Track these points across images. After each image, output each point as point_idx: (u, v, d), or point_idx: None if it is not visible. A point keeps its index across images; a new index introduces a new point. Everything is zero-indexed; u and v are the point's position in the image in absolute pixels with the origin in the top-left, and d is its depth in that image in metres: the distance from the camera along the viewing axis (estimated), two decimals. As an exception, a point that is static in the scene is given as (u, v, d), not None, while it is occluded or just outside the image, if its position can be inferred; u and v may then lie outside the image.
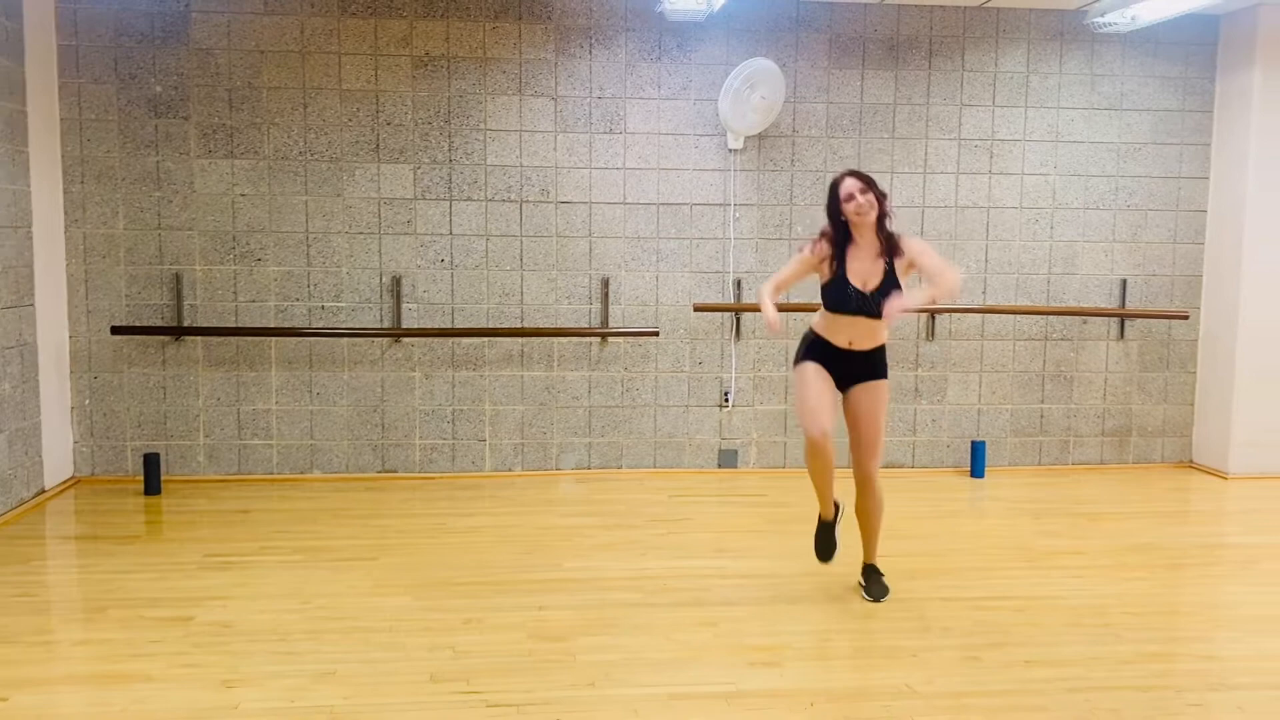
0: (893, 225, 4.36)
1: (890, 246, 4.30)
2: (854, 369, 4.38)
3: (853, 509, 4.57)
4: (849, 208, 4.25)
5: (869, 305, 4.25)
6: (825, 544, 4.60)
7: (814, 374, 4.37)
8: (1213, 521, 6.09)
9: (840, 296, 4.29)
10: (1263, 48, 6.55)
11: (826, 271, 4.35)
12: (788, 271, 4.50)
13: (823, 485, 4.49)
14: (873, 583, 4.51)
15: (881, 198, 4.30)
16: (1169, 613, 4.52)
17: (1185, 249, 7.01)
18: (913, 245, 4.36)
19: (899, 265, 4.29)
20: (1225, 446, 6.87)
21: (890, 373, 6.71)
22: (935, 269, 4.27)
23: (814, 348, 4.41)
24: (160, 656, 3.79)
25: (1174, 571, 5.02)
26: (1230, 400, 6.83)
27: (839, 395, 4.43)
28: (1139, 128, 6.88)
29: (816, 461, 4.40)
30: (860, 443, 4.44)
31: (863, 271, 4.28)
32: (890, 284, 4.25)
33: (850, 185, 4.26)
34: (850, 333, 4.33)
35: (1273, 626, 4.30)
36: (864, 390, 4.39)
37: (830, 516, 4.57)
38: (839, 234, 4.32)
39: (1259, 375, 6.79)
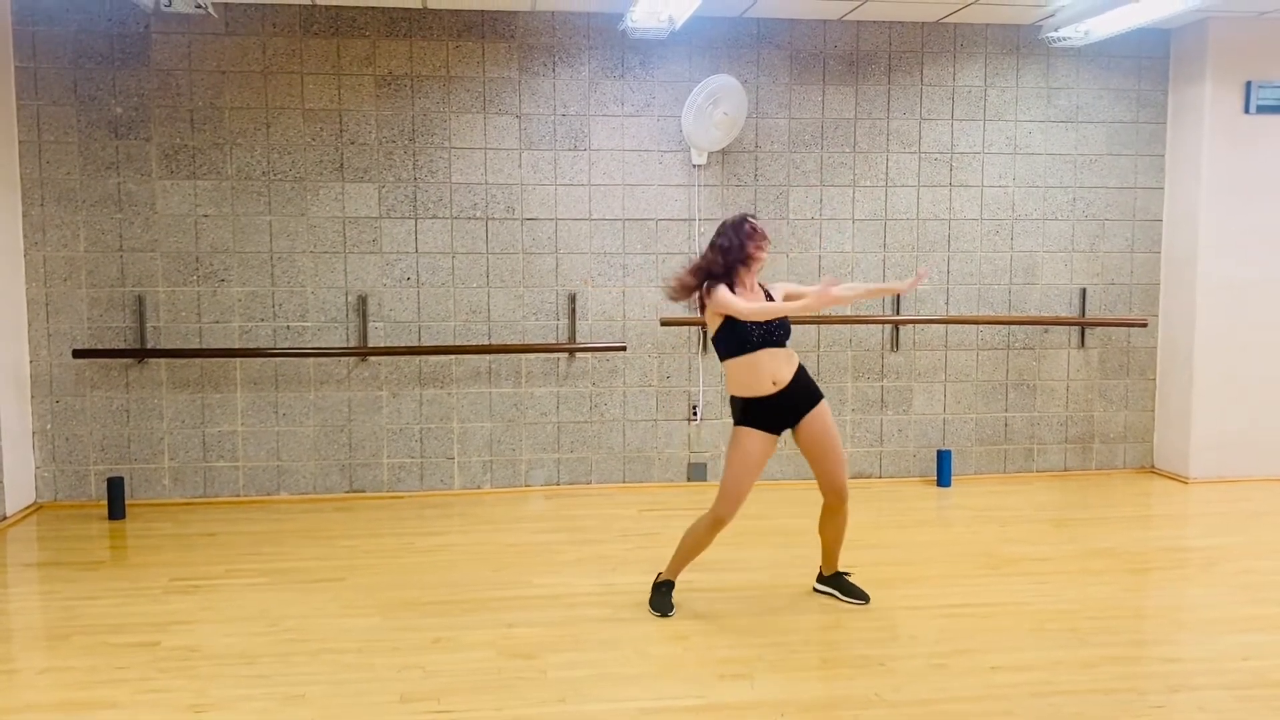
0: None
1: (760, 282, 4.42)
2: (794, 404, 4.33)
3: (818, 527, 4.62)
4: (761, 256, 4.31)
5: (773, 334, 4.27)
6: (669, 603, 4.49)
7: (760, 452, 4.31)
8: (1174, 525, 6.18)
9: (743, 330, 4.24)
10: (1213, 60, 6.69)
11: (718, 317, 4.30)
12: (743, 299, 4.36)
13: (693, 557, 4.49)
14: (850, 587, 4.61)
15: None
16: (1132, 616, 4.59)
17: (1143, 258, 7.13)
18: (777, 285, 4.51)
19: (775, 294, 4.39)
20: (1185, 452, 6.98)
21: (855, 384, 6.91)
22: (801, 289, 4.45)
23: (749, 412, 4.32)
24: (126, 683, 3.75)
25: (1137, 576, 5.09)
26: (1189, 406, 6.94)
27: (774, 450, 4.42)
28: (1095, 139, 7.00)
29: (709, 537, 4.41)
30: (829, 463, 4.40)
31: (752, 298, 4.34)
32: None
33: (757, 224, 4.32)
34: (771, 368, 4.26)
35: (1233, 628, 4.37)
36: (815, 418, 4.35)
37: (676, 577, 4.56)
38: (724, 271, 4.29)
39: (1217, 381, 6.91)
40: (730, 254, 4.32)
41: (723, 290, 4.24)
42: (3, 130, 5.94)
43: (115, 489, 6.03)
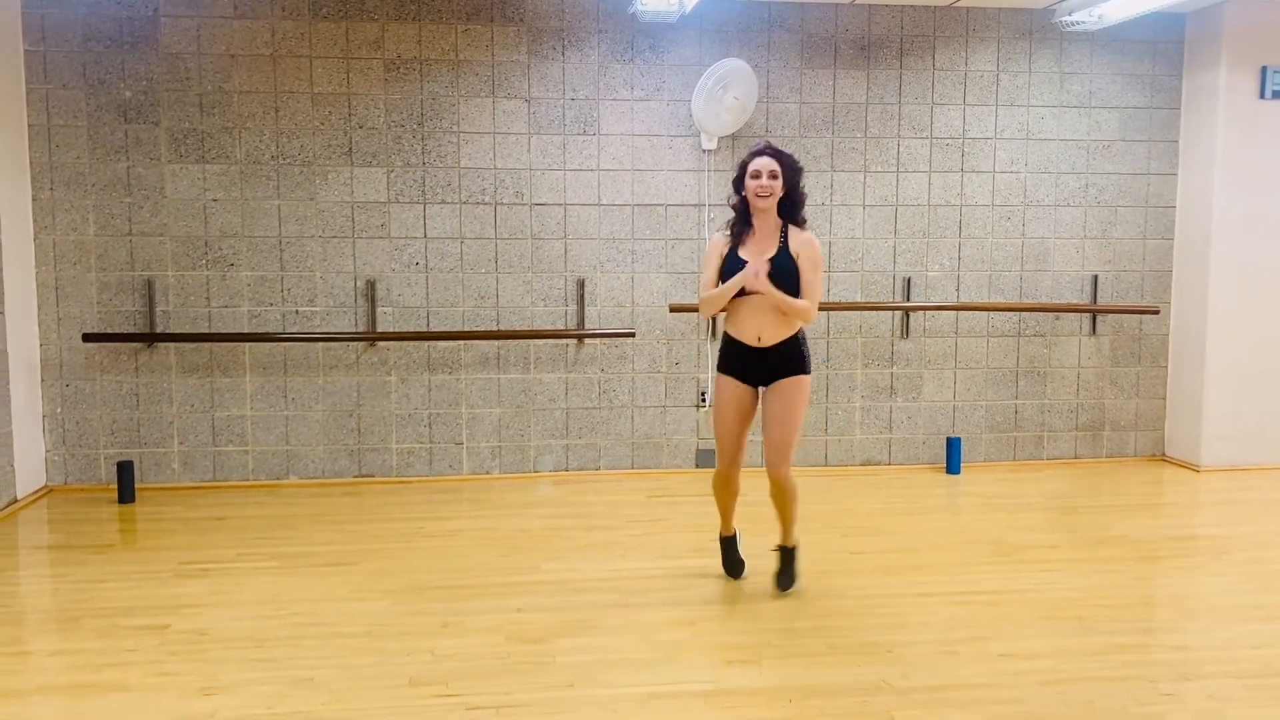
0: (803, 216, 4.23)
1: (786, 229, 4.17)
2: (770, 367, 4.23)
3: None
4: (751, 185, 4.11)
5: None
6: (732, 561, 4.58)
7: (728, 396, 4.25)
8: (1185, 514, 6.16)
9: (730, 272, 4.12)
10: (1228, 45, 6.63)
11: (721, 256, 4.21)
12: (711, 269, 4.27)
13: (726, 509, 4.46)
14: (783, 569, 4.49)
15: (792, 185, 4.15)
16: (1142, 604, 4.57)
17: (1155, 244, 7.08)
18: (806, 243, 4.18)
19: (792, 242, 4.15)
20: (1197, 440, 6.95)
21: (865, 371, 6.88)
22: (805, 284, 4.16)
23: (727, 354, 4.28)
24: (136, 665, 3.77)
25: (1146, 564, 5.07)
26: (1201, 394, 6.91)
27: (757, 402, 4.32)
28: (1108, 125, 6.95)
29: (723, 490, 4.39)
30: (771, 444, 4.26)
31: (754, 250, 4.16)
32: (783, 260, 4.11)
33: (761, 164, 4.11)
34: (756, 323, 4.15)
35: (1243, 616, 4.35)
36: (779, 390, 4.23)
37: (731, 533, 4.58)
38: (741, 209, 4.20)
39: (1229, 368, 6.87)
40: (735, 185, 4.22)
41: (711, 242, 4.23)
42: (12, 114, 5.94)
43: (125, 473, 6.04)
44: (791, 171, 4.15)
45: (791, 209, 4.20)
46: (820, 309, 6.61)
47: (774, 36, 6.62)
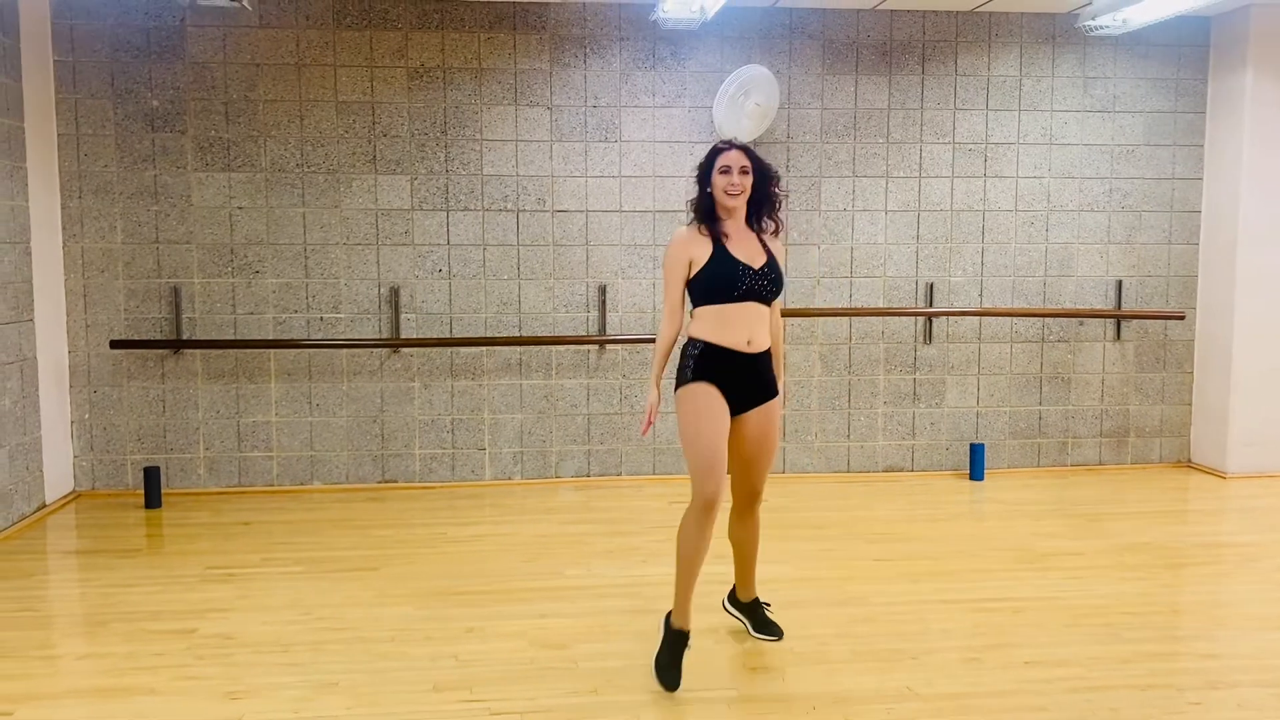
0: (779, 220, 3.78)
1: (760, 233, 3.74)
2: (754, 383, 3.69)
3: (726, 535, 3.95)
4: (720, 182, 3.62)
5: (762, 285, 3.62)
6: (676, 665, 3.65)
7: (714, 405, 3.61)
8: (1211, 521, 6.10)
9: (728, 275, 3.58)
10: (1254, 48, 6.58)
11: (700, 257, 3.63)
12: (674, 287, 3.72)
13: (695, 565, 3.67)
14: (765, 620, 4.00)
15: (765, 184, 3.69)
16: (1168, 612, 4.54)
17: (1180, 250, 7.03)
18: (779, 246, 3.82)
19: (772, 247, 3.74)
20: (1223, 446, 6.89)
21: (888, 377, 6.86)
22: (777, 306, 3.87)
23: (703, 364, 3.64)
24: (163, 669, 3.80)
25: (1173, 571, 5.03)
26: (1227, 400, 6.85)
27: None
28: (1132, 130, 6.91)
29: (703, 531, 3.62)
30: (753, 465, 3.76)
31: (744, 249, 3.65)
32: (775, 262, 3.69)
33: (731, 158, 3.62)
34: (746, 327, 3.62)
35: (1272, 624, 4.31)
36: (764, 414, 3.72)
37: (687, 625, 3.71)
38: (705, 207, 3.69)
39: (1256, 374, 6.81)
40: (700, 178, 3.73)
41: (678, 243, 3.67)
42: (42, 123, 6.02)
43: (152, 478, 6.10)
44: (763, 170, 3.70)
45: (758, 215, 3.75)
46: (842, 314, 6.74)
47: (795, 42, 6.62)
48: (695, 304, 3.69)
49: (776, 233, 3.80)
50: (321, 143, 6.35)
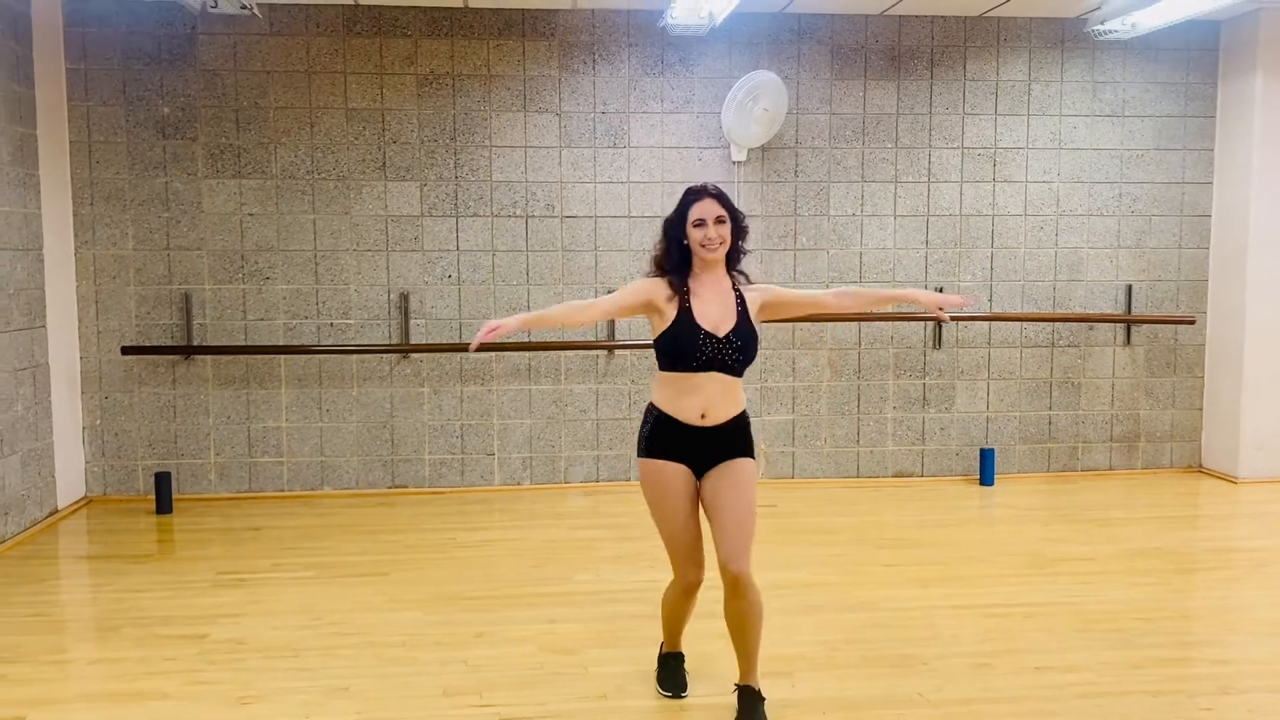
0: (745, 264, 3.52)
1: (739, 290, 3.44)
2: (715, 448, 3.37)
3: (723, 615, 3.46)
4: (696, 235, 3.34)
5: (728, 355, 3.31)
6: (676, 677, 3.66)
7: (670, 481, 3.35)
8: (1222, 526, 6.08)
9: (687, 343, 3.29)
10: (1264, 52, 6.57)
11: (666, 313, 3.35)
12: (618, 299, 3.48)
13: (678, 625, 3.64)
14: (753, 712, 3.41)
15: (738, 234, 3.43)
16: (1179, 617, 4.52)
17: (1190, 254, 7.02)
18: (757, 287, 3.51)
19: (751, 305, 3.42)
20: (1234, 451, 6.86)
21: (897, 382, 6.85)
22: (793, 296, 3.62)
23: (659, 434, 3.37)
24: (175, 674, 3.81)
25: (1184, 576, 5.01)
26: (1239, 404, 6.82)
27: (695, 481, 3.41)
28: (1141, 134, 6.90)
29: (687, 605, 3.54)
30: (726, 536, 3.31)
31: (712, 313, 3.34)
32: (748, 332, 3.36)
33: (706, 208, 3.35)
34: (703, 398, 3.31)
35: (1284, 630, 4.30)
36: (725, 471, 3.35)
37: (679, 647, 3.72)
38: (675, 259, 3.40)
39: (1267, 379, 6.79)
40: (669, 231, 3.43)
41: (645, 283, 3.42)
42: (54, 131, 6.05)
43: (163, 483, 6.12)
44: (737, 217, 3.44)
45: (737, 260, 3.48)
46: (852, 319, 6.72)
47: (804, 48, 6.63)
48: (659, 365, 3.41)
49: (745, 286, 3.47)
50: (331, 149, 6.37)
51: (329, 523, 5.92)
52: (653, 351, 3.42)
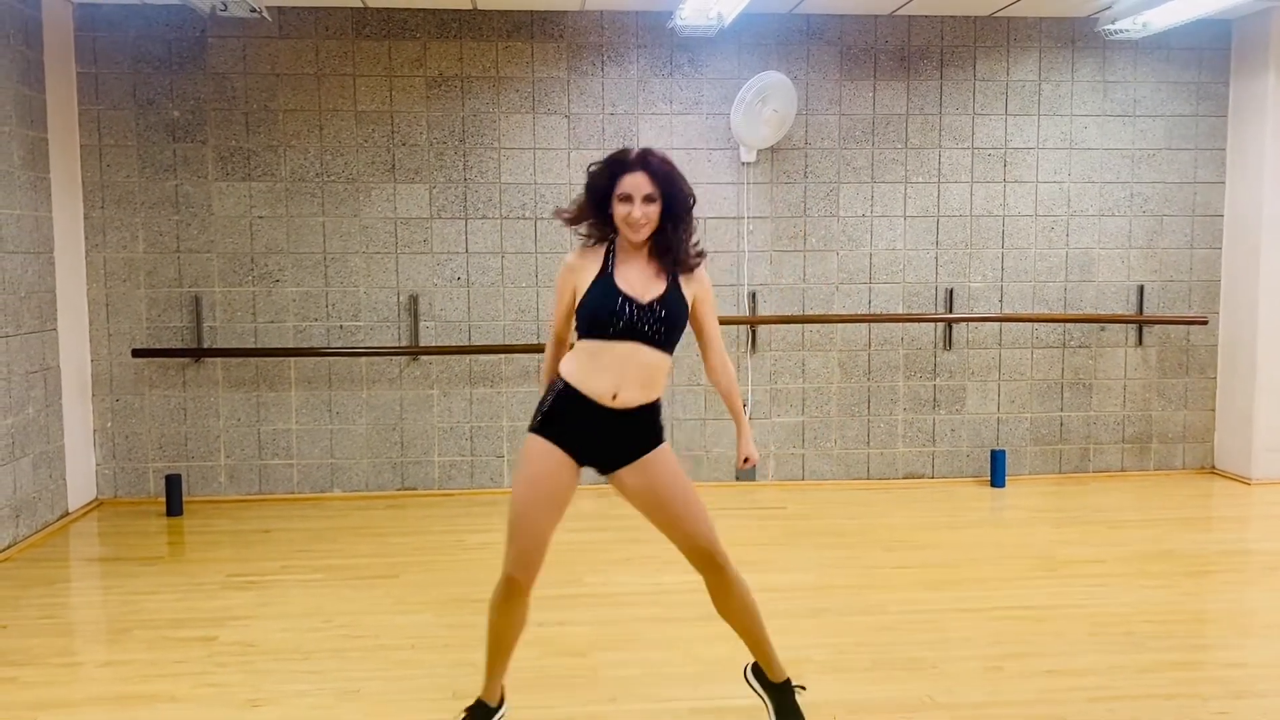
0: (689, 259, 3.12)
1: (677, 259, 3.07)
2: (618, 443, 3.12)
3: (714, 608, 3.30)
4: (619, 211, 2.99)
5: (649, 324, 3.00)
6: None
7: (546, 469, 3.07)
8: (1236, 528, 6.04)
9: (605, 306, 2.97)
10: (1276, 52, 6.53)
11: (585, 278, 3.04)
12: (560, 317, 3.17)
13: (507, 644, 3.17)
14: (791, 708, 3.26)
15: (674, 220, 3.04)
16: (1192, 620, 4.49)
17: (1202, 254, 6.98)
18: (701, 282, 3.16)
19: (685, 285, 3.10)
20: (1248, 452, 6.82)
21: (907, 383, 6.83)
22: (712, 331, 3.25)
23: (557, 411, 3.07)
24: (184, 677, 3.82)
25: (1196, 579, 4.98)
26: (1252, 405, 6.78)
27: (574, 489, 3.19)
28: (1153, 133, 6.86)
29: (510, 612, 3.11)
30: (683, 520, 3.14)
31: (638, 279, 3.04)
32: (676, 300, 3.05)
33: (634, 182, 2.97)
34: (618, 375, 3.01)
35: (1298, 633, 4.27)
36: (648, 465, 3.16)
37: (495, 700, 3.24)
38: (599, 218, 3.05)
39: (1280, 380, 6.75)
40: (593, 192, 3.04)
41: (567, 263, 3.10)
42: (65, 134, 6.08)
43: (173, 486, 6.14)
44: (677, 195, 3.03)
45: (670, 249, 3.05)
46: (862, 320, 6.71)
47: (813, 49, 6.61)
48: (578, 334, 3.09)
49: (691, 269, 3.11)
50: (341, 152, 6.38)
51: (339, 525, 5.92)
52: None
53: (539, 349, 6.49)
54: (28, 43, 5.67)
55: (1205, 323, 6.92)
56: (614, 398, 3.04)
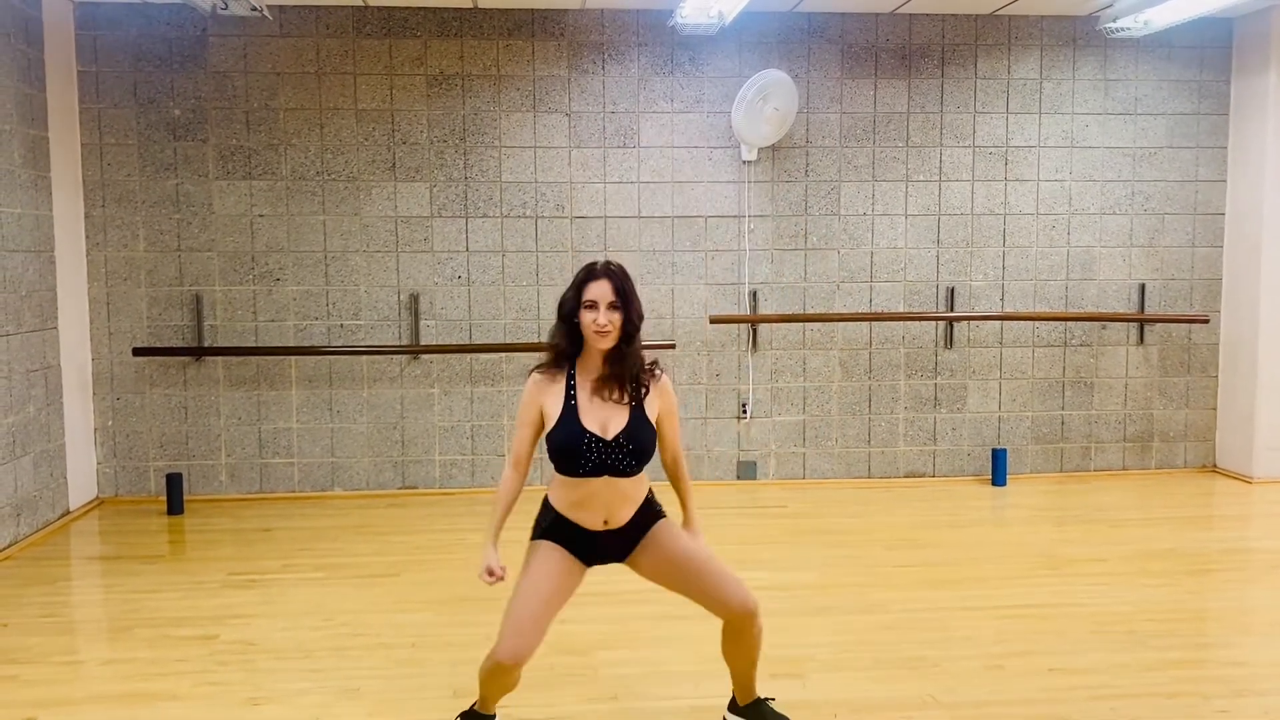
0: (640, 349, 3.15)
1: (635, 376, 3.11)
2: (619, 545, 3.21)
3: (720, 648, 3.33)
4: (586, 318, 3.05)
5: (618, 458, 3.06)
6: None
7: (551, 569, 3.12)
8: (1237, 526, 6.04)
9: (572, 448, 3.04)
10: (1277, 49, 6.52)
11: (551, 409, 3.10)
12: (521, 435, 3.19)
13: (498, 697, 3.28)
14: (775, 714, 3.36)
15: (631, 320, 3.08)
16: (1194, 619, 4.49)
17: (1204, 252, 6.97)
18: (663, 391, 3.20)
19: (648, 403, 3.14)
20: (1249, 451, 6.82)
21: (909, 382, 6.83)
22: (674, 439, 3.29)
23: (559, 530, 3.17)
24: (185, 675, 3.82)
25: (1198, 577, 4.98)
26: (1253, 404, 6.78)
27: (580, 582, 3.26)
28: (1154, 132, 6.86)
29: (499, 682, 3.16)
30: (718, 581, 3.16)
31: (600, 410, 3.08)
32: (640, 428, 3.10)
33: (599, 290, 3.05)
34: (603, 506, 3.10)
35: (1300, 632, 4.27)
36: (658, 540, 3.21)
37: (491, 712, 3.34)
38: (568, 340, 3.12)
39: (1281, 378, 6.75)
40: (562, 309, 3.13)
41: (529, 389, 3.15)
42: (66, 133, 6.07)
43: (174, 485, 6.13)
44: (631, 304, 3.11)
45: (627, 366, 3.11)
46: (863, 319, 6.71)
47: (814, 47, 6.61)
48: (554, 465, 3.14)
49: (647, 385, 3.15)
50: (341, 150, 6.38)
51: (339, 524, 5.92)
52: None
53: (539, 348, 6.46)
54: (29, 41, 5.67)
55: (1206, 321, 6.92)
56: (604, 524, 3.15)
